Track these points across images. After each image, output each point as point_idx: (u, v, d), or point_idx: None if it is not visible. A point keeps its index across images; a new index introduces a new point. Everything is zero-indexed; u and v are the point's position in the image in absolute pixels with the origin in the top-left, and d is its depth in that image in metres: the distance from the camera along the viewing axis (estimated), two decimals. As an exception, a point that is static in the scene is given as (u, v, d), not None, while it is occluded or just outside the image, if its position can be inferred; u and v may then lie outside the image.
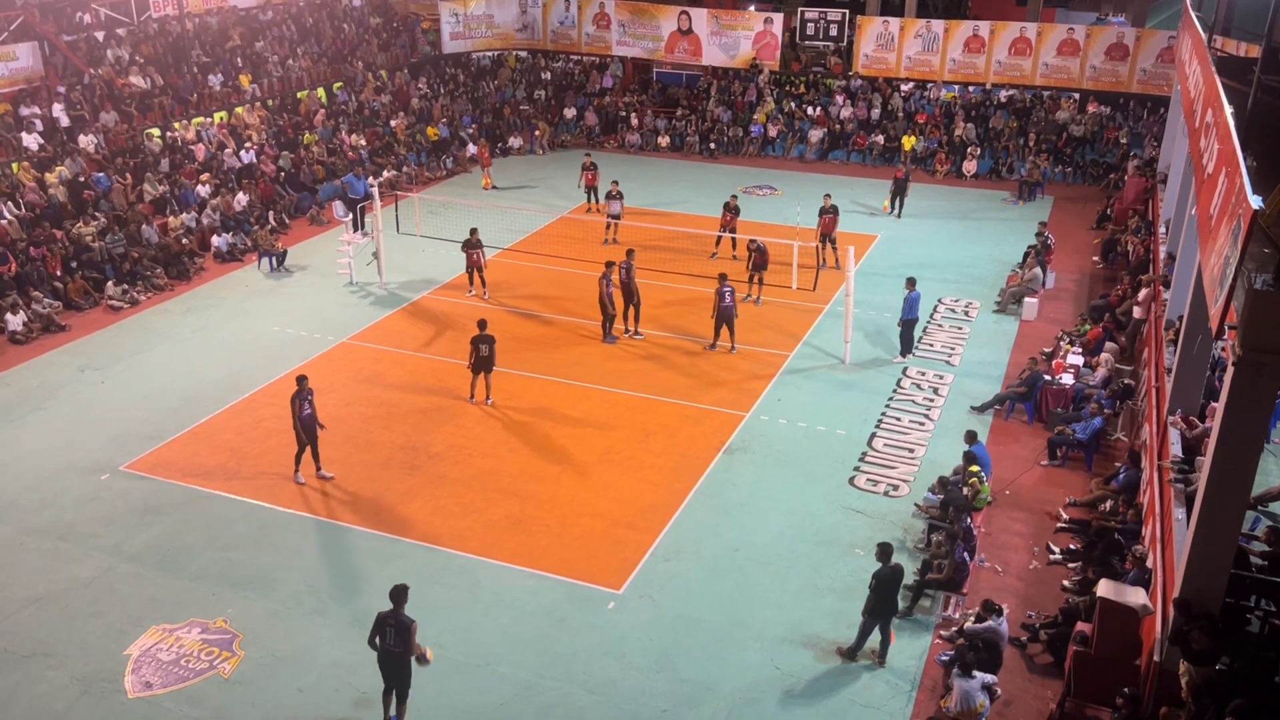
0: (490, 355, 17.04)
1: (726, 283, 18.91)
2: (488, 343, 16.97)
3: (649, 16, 36.22)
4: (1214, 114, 12.07)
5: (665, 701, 11.04)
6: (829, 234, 23.33)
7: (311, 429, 14.74)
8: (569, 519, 14.24)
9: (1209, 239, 10.21)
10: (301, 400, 14.59)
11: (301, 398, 14.60)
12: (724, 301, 18.84)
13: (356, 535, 13.89)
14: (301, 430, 14.65)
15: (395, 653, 10.20)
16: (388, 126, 32.07)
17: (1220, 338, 13.03)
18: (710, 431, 16.55)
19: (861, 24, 34.21)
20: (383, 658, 10.28)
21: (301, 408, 14.58)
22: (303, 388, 14.68)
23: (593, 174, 27.21)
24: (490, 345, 17.00)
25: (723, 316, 18.95)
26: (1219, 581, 9.58)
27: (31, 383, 18.28)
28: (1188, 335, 13.46)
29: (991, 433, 16.52)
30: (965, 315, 21.25)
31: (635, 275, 19.78)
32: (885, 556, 11.49)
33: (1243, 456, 9.21)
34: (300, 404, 14.57)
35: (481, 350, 16.97)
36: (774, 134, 34.22)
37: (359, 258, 22.74)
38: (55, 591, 12.71)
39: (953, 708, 10.62)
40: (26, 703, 10.98)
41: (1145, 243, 22.81)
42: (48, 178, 23.70)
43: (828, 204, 23.63)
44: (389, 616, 10.19)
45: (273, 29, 33.35)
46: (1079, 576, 12.75)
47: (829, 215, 23.48)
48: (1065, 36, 32.12)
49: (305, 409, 14.62)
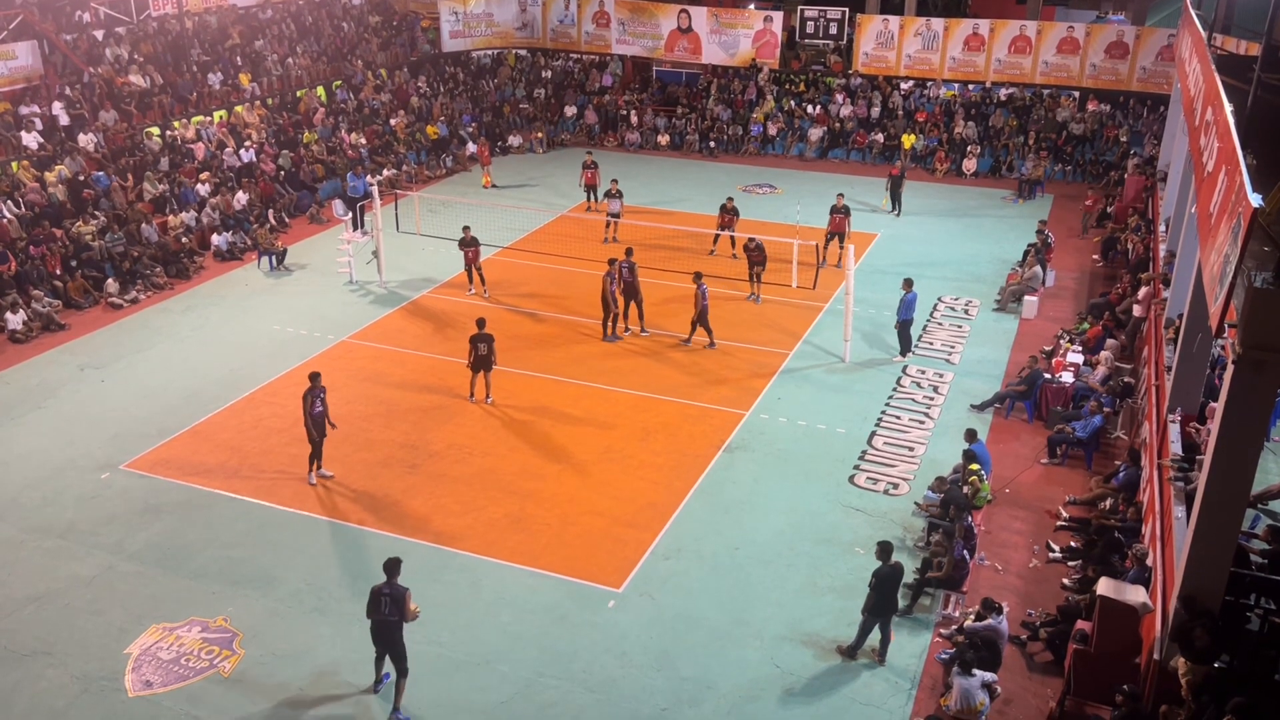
0: (489, 354, 17.03)
1: (702, 281, 19.03)
2: (486, 341, 16.96)
3: (649, 15, 36.21)
4: (1214, 112, 12.07)
5: (665, 700, 11.05)
6: (840, 233, 23.18)
7: (321, 426, 14.74)
8: (569, 517, 14.25)
9: (1209, 237, 10.21)
10: (314, 397, 14.60)
11: (314, 395, 14.61)
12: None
13: (357, 534, 13.90)
14: (312, 427, 14.65)
15: (391, 621, 10.60)
16: (387, 125, 32.06)
17: (1220, 336, 13.02)
18: (710, 430, 16.56)
19: (861, 22, 34.20)
20: (378, 628, 10.68)
21: (313, 404, 14.59)
22: (315, 384, 14.67)
23: (593, 172, 27.20)
24: (489, 344, 16.99)
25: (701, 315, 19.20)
26: (1219, 579, 9.57)
27: (31, 381, 18.28)
28: (1188, 333, 13.46)
29: (991, 431, 16.53)
30: (965, 313, 21.25)
31: (638, 274, 19.80)
32: (885, 555, 11.50)
33: (1243, 454, 9.20)
34: (312, 401, 14.58)
35: (480, 349, 16.96)
36: (774, 132, 34.22)
37: (359, 256, 22.74)
38: (55, 590, 12.71)
39: (953, 706, 10.64)
40: (27, 701, 10.98)
41: (1145, 241, 22.82)
42: (47, 176, 23.69)
43: (840, 203, 23.56)
44: (384, 588, 10.59)
45: (272, 27, 33.34)
46: (1079, 575, 12.76)
47: (839, 215, 23.38)
48: (1065, 35, 32.13)
49: (317, 406, 14.62)
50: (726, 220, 24.03)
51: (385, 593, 10.54)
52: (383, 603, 10.53)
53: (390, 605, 10.52)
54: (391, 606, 10.52)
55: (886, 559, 11.45)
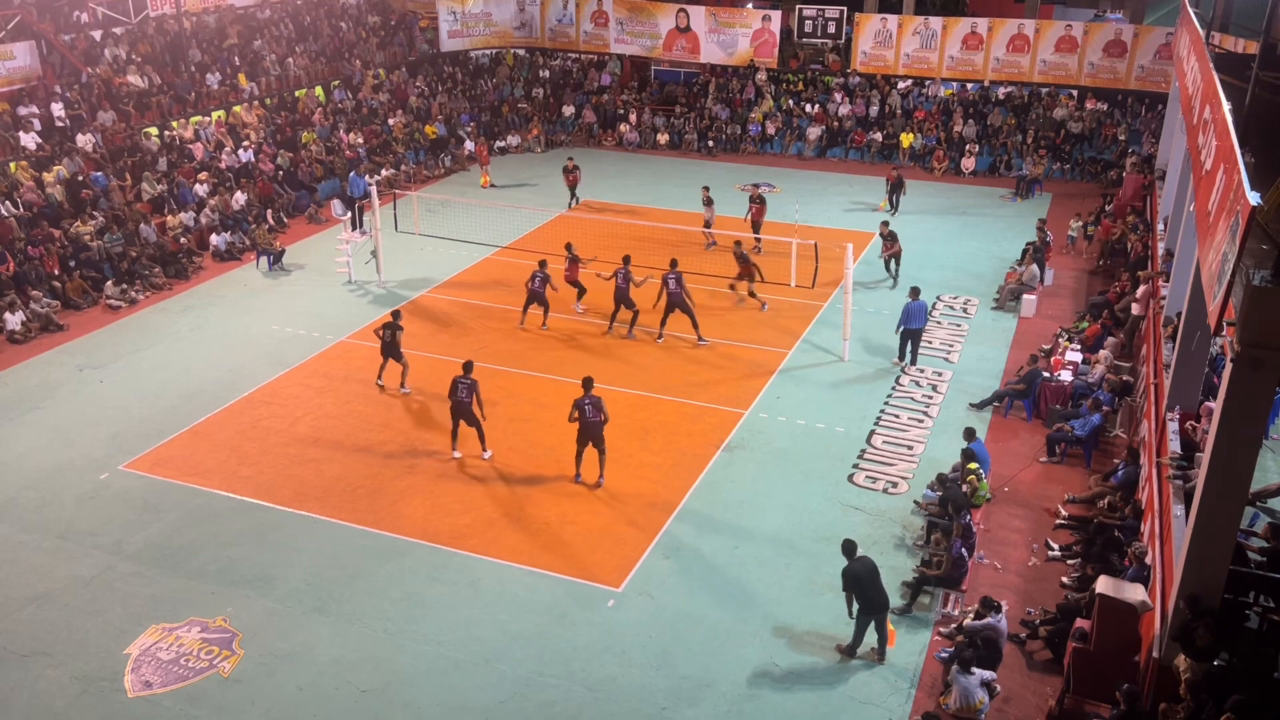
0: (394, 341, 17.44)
1: (674, 269, 19.16)
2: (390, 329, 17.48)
3: (647, 14, 36.20)
4: (1212, 110, 12.07)
5: (665, 698, 11.05)
6: (895, 257, 22.53)
7: (467, 413, 15.33)
8: (568, 516, 14.25)
9: (1207, 235, 10.22)
10: (459, 384, 15.28)
11: (460, 382, 15.29)
12: (669, 288, 19.15)
13: (355, 533, 13.89)
14: (458, 411, 15.35)
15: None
16: (386, 125, 32.05)
17: (1219, 334, 13.03)
18: (709, 429, 16.56)
19: (859, 21, 34.20)
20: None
21: (457, 390, 15.25)
22: (466, 373, 15.40)
23: (574, 175, 27.48)
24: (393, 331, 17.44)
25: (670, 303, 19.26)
26: (1218, 577, 9.58)
27: (30, 382, 18.27)
28: (1186, 331, 13.46)
29: (990, 429, 16.53)
30: (964, 312, 21.26)
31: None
32: (850, 553, 11.45)
33: (1241, 452, 9.21)
34: (458, 387, 15.27)
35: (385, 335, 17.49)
36: (772, 131, 34.22)
37: (358, 256, 22.73)
38: (55, 590, 12.71)
39: (952, 704, 10.64)
40: (26, 702, 10.98)
41: (1144, 239, 22.83)
42: (45, 177, 23.68)
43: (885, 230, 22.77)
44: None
45: (270, 27, 33.31)
46: (1078, 573, 12.76)
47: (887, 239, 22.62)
48: (1063, 33, 32.13)
49: (462, 394, 15.25)
50: (756, 211, 23.99)
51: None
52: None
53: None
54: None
55: (851, 556, 11.42)
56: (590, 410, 14.54)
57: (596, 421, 14.58)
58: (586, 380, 14.96)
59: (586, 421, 14.57)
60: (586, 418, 14.56)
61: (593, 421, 14.57)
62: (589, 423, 14.57)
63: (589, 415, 14.55)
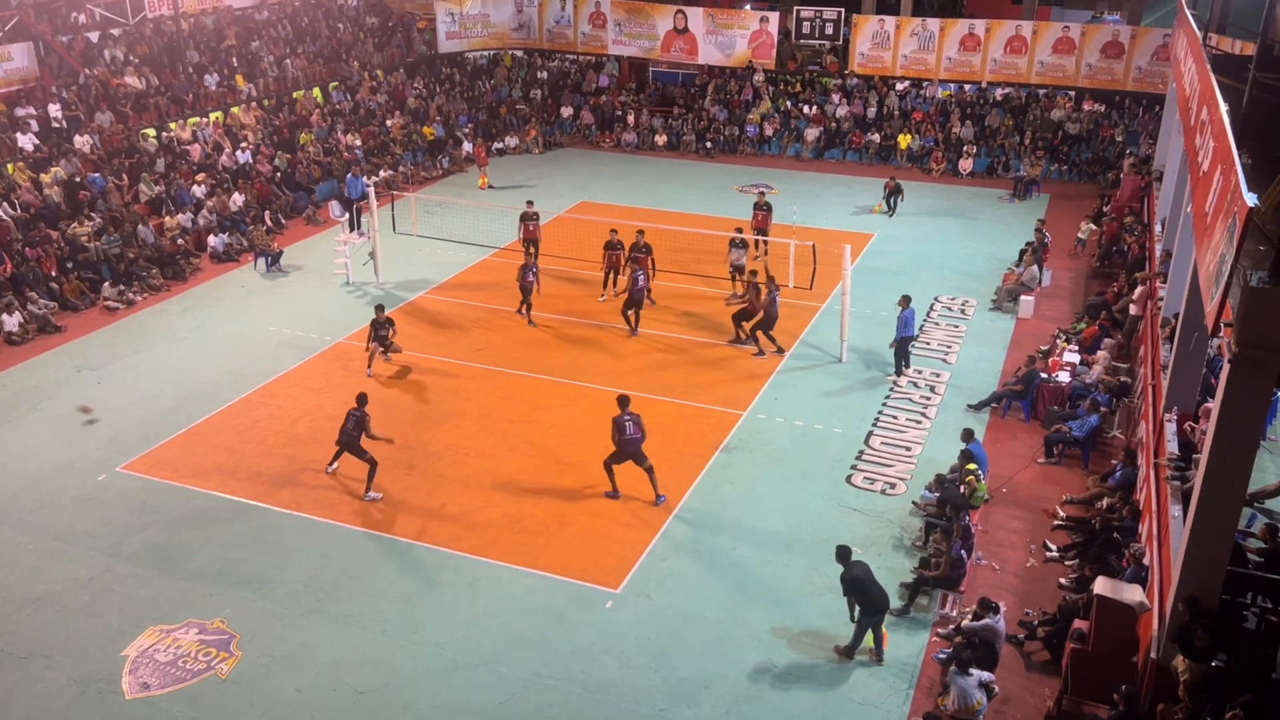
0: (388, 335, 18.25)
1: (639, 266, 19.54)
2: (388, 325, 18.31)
3: (645, 15, 36.22)
4: (1209, 111, 12.09)
5: (663, 700, 11.05)
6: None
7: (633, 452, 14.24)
8: (567, 517, 14.24)
9: (1205, 236, 10.23)
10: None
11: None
12: (635, 285, 19.47)
13: (354, 535, 13.88)
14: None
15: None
16: (384, 126, 32.04)
17: (1216, 335, 13.05)
18: (708, 430, 16.56)
19: (857, 22, 34.23)
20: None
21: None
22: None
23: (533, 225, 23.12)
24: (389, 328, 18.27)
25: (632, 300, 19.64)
26: (1216, 578, 9.59)
27: (28, 383, 18.25)
28: (1184, 332, 13.48)
29: (988, 430, 16.54)
30: (962, 313, 21.27)
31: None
32: (844, 558, 11.47)
33: (1239, 453, 9.22)
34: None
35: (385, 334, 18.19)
36: (770, 133, 34.24)
37: (356, 257, 22.73)
38: (53, 592, 12.69)
39: (950, 705, 10.65)
40: (24, 703, 10.96)
41: (1141, 240, 22.85)
42: (43, 178, 23.65)
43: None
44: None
45: (268, 29, 33.30)
46: (1076, 574, 12.77)
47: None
48: (1061, 35, 32.16)
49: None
50: (761, 219, 23.45)
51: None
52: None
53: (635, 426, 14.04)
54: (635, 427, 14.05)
55: (846, 561, 11.44)
56: (632, 428, 14.17)
57: (637, 438, 14.21)
58: (623, 398, 14.46)
59: (627, 438, 14.18)
60: (627, 434, 14.19)
61: (634, 438, 14.19)
62: (629, 439, 14.17)
63: (630, 432, 14.17)
